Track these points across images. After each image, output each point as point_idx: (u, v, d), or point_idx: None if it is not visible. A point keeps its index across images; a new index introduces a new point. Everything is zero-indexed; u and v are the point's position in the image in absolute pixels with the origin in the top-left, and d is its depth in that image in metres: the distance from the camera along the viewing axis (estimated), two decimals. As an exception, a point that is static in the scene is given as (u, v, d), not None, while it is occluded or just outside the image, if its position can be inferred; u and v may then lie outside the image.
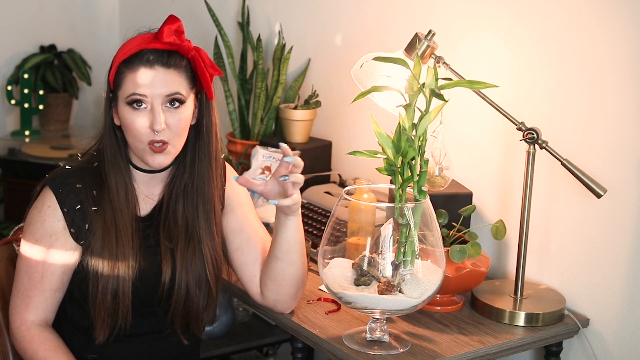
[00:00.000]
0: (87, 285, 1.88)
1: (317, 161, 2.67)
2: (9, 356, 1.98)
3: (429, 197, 1.81)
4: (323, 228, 2.02)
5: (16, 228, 2.11)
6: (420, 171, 1.79)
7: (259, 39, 2.81)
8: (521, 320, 2.01)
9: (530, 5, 2.14)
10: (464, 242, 2.07)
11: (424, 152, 1.79)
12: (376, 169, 1.83)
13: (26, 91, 3.49)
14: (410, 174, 1.78)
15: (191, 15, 3.23)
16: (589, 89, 2.04)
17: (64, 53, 3.66)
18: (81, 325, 1.93)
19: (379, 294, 1.79)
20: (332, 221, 1.86)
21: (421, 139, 1.78)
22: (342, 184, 2.56)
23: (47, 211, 1.87)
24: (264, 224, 2.07)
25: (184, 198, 1.92)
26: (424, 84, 1.77)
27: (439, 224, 1.87)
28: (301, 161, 1.79)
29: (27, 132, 3.54)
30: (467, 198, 2.18)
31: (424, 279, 1.81)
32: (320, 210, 2.41)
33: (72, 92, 3.64)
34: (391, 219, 1.79)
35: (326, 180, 2.66)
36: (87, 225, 1.87)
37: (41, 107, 3.54)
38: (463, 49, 2.28)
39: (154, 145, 1.83)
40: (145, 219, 1.94)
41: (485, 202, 2.28)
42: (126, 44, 1.85)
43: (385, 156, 1.79)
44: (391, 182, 1.84)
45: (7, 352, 1.98)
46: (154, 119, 1.81)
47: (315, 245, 2.26)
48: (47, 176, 1.91)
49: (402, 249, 1.78)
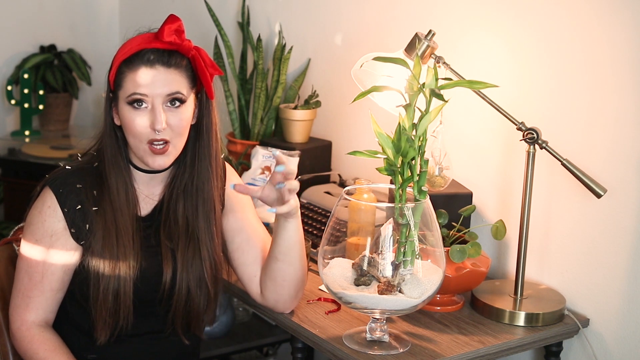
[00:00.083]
0: (88, 286, 1.88)
1: (317, 161, 2.67)
2: (8, 356, 1.98)
3: (429, 197, 1.81)
4: (323, 228, 2.02)
5: (16, 228, 2.11)
6: (420, 171, 1.79)
7: (259, 39, 2.81)
8: (521, 320, 2.01)
9: (530, 5, 2.14)
10: (464, 242, 2.07)
11: (424, 152, 1.79)
12: (376, 169, 1.83)
13: (26, 91, 3.49)
14: (410, 174, 1.78)
15: (191, 15, 3.23)
16: (589, 89, 2.04)
17: (64, 53, 3.66)
18: (82, 325, 1.93)
19: (379, 294, 1.79)
20: (332, 221, 1.86)
21: (421, 139, 1.78)
22: (342, 184, 2.56)
23: (47, 211, 1.87)
24: (264, 224, 2.07)
25: (184, 198, 1.92)
26: (424, 84, 1.77)
27: (439, 224, 1.87)
28: (293, 168, 1.80)
29: (27, 132, 3.54)
30: (467, 198, 2.18)
31: (424, 279, 1.81)
32: (320, 210, 2.41)
33: (72, 92, 3.64)
34: (391, 219, 1.79)
35: (326, 180, 2.65)
36: (88, 225, 1.87)
37: (41, 107, 3.54)
38: (463, 49, 2.28)
39: (154, 146, 1.83)
40: (146, 219, 1.93)
41: (485, 202, 2.28)
42: (126, 43, 1.85)
43: (385, 156, 1.79)
44: (391, 182, 1.84)
45: (7, 352, 1.98)
46: (154, 118, 1.81)
47: (315, 245, 2.26)
48: (47, 176, 1.91)
49: (402, 249, 1.78)
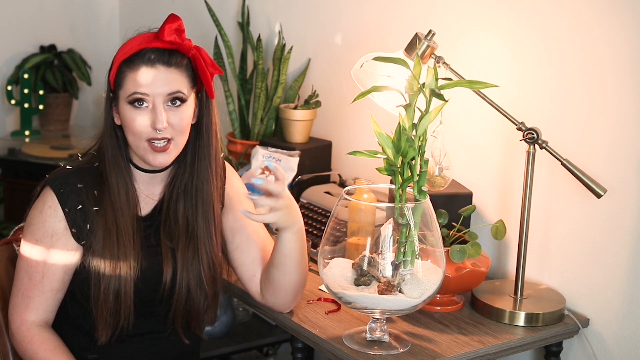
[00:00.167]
0: (88, 286, 1.88)
1: (317, 161, 2.67)
2: (8, 356, 1.98)
3: (429, 197, 1.81)
4: (323, 228, 2.02)
5: (16, 228, 2.11)
6: (420, 171, 1.79)
7: (259, 39, 2.81)
8: (521, 320, 2.00)
9: (530, 5, 2.14)
10: (464, 242, 2.07)
11: (424, 152, 1.79)
12: (376, 169, 1.83)
13: (26, 91, 3.49)
14: (410, 174, 1.78)
15: (191, 15, 3.23)
16: (589, 89, 2.04)
17: (64, 53, 3.66)
18: (83, 325, 1.93)
19: (379, 294, 1.79)
20: (332, 221, 1.86)
21: (421, 139, 1.78)
22: (342, 184, 2.56)
23: (48, 211, 1.87)
24: (264, 224, 2.06)
25: (185, 198, 1.92)
26: (424, 84, 1.77)
27: (439, 224, 1.87)
28: (293, 167, 1.78)
29: (27, 132, 3.54)
30: (467, 198, 2.18)
31: (424, 279, 1.81)
32: (320, 210, 2.41)
33: (72, 92, 3.64)
34: (391, 219, 1.79)
35: (326, 180, 2.65)
36: (89, 225, 1.87)
37: (41, 107, 3.53)
38: (463, 49, 2.28)
39: (154, 143, 1.83)
40: (146, 219, 1.93)
41: (485, 202, 2.28)
42: (126, 43, 1.85)
43: (385, 156, 1.79)
44: (391, 182, 1.84)
45: (7, 352, 1.98)
46: (155, 117, 1.81)
47: (315, 245, 2.26)
48: (47, 176, 1.91)
49: (402, 249, 1.78)
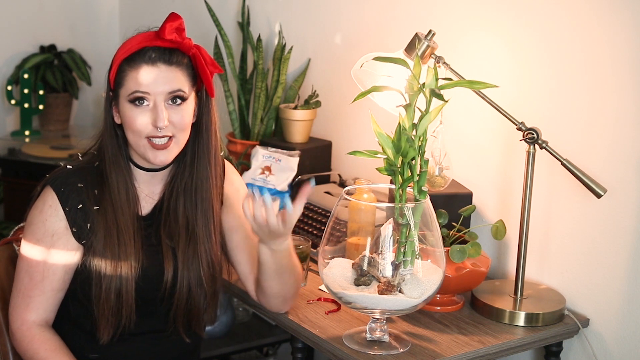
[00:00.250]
0: (90, 286, 1.88)
1: (317, 161, 2.67)
2: (9, 356, 1.98)
3: (429, 197, 1.81)
4: (323, 228, 2.02)
5: (16, 228, 2.11)
6: (420, 171, 1.79)
7: (259, 39, 2.81)
8: (521, 320, 2.00)
9: (530, 5, 2.14)
10: (464, 242, 2.07)
11: (424, 152, 1.79)
12: (376, 169, 1.83)
13: (26, 91, 3.49)
14: (410, 174, 1.78)
15: (191, 15, 3.23)
16: (589, 89, 2.04)
17: (64, 53, 3.66)
18: (84, 325, 1.93)
19: (379, 294, 1.79)
20: (332, 221, 1.86)
21: (421, 139, 1.78)
22: (342, 184, 2.56)
23: (48, 211, 1.87)
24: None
25: (185, 196, 1.92)
26: (424, 84, 1.77)
27: (439, 224, 1.87)
28: (294, 168, 1.78)
29: (27, 132, 3.54)
30: (467, 198, 2.18)
31: (424, 279, 1.81)
32: (320, 210, 2.41)
33: (72, 92, 3.64)
34: (391, 219, 1.79)
35: (326, 180, 2.65)
36: (89, 224, 1.87)
37: (41, 107, 3.53)
38: (463, 49, 2.28)
39: (154, 141, 1.83)
40: (147, 218, 1.93)
41: (485, 202, 2.28)
42: (127, 42, 1.85)
43: (385, 156, 1.79)
44: (391, 182, 1.84)
45: (7, 352, 1.98)
46: (157, 116, 1.81)
47: (315, 245, 2.26)
48: (47, 176, 1.91)
49: (402, 249, 1.78)
